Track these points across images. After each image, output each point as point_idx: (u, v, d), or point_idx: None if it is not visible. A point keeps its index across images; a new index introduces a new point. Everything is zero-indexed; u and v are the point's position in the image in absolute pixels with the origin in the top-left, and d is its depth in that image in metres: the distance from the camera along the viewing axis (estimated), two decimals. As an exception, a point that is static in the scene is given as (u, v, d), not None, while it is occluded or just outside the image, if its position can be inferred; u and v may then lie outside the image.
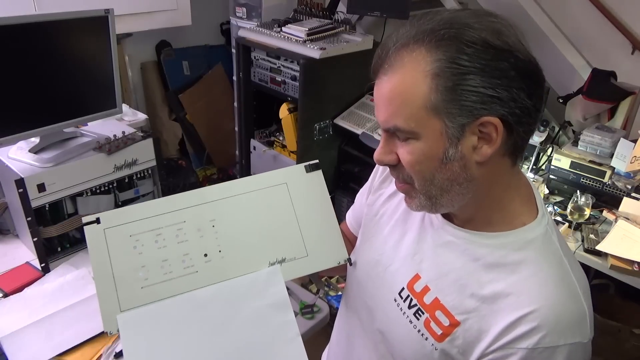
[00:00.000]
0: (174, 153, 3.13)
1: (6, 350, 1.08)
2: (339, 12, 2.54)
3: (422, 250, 0.76)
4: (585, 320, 0.65)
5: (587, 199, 1.76)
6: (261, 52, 2.44)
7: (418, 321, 0.74)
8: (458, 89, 0.59)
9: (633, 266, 1.59)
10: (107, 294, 0.75)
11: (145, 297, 0.76)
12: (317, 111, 2.35)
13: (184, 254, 0.79)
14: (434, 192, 0.66)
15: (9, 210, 1.44)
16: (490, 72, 0.59)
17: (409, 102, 0.61)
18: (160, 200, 0.82)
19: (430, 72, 0.60)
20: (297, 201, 0.85)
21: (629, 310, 1.93)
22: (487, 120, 0.60)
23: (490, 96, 0.59)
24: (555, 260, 0.67)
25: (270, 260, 0.81)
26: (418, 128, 0.62)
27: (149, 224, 0.79)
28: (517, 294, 0.65)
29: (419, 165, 0.65)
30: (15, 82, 1.21)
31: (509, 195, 0.70)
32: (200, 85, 3.07)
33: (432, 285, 0.73)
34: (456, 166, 0.63)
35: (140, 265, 0.77)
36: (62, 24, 1.25)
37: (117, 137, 1.41)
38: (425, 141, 0.63)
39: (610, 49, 2.28)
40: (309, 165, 0.88)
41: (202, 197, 0.82)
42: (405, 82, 0.61)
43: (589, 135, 1.92)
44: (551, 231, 0.70)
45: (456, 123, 0.61)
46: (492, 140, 0.62)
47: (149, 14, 2.50)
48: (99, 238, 0.77)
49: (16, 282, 1.28)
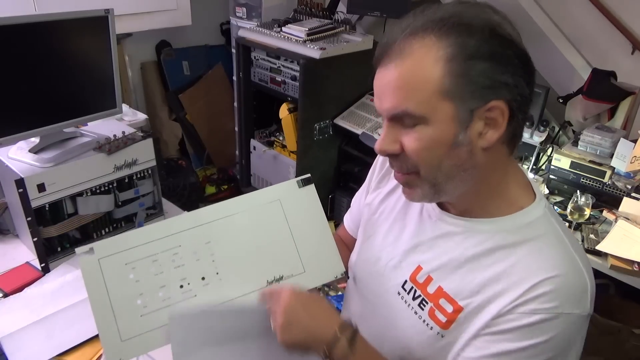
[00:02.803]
0: (174, 153, 3.13)
1: (6, 350, 1.08)
2: (339, 12, 2.54)
3: (422, 243, 0.78)
4: (587, 294, 0.66)
5: (587, 199, 1.76)
6: (261, 52, 2.44)
7: (422, 311, 0.75)
8: (469, 73, 0.61)
9: (633, 266, 1.59)
10: (106, 325, 0.74)
11: (146, 325, 0.76)
12: (317, 111, 2.35)
13: (182, 278, 0.78)
14: (439, 179, 0.67)
15: (9, 210, 1.44)
16: (498, 59, 0.61)
17: (421, 87, 0.62)
18: (154, 226, 0.81)
19: (442, 57, 0.61)
20: (292, 217, 0.85)
21: (629, 310, 1.93)
22: (495, 105, 0.63)
23: (499, 81, 0.62)
24: (555, 240, 0.69)
25: (268, 279, 0.81)
26: (429, 113, 0.63)
27: (144, 250, 0.78)
28: (518, 271, 0.66)
29: (427, 151, 0.65)
30: (15, 82, 1.21)
31: (505, 183, 0.72)
32: (200, 85, 3.07)
33: (435, 275, 0.74)
34: (464, 152, 0.65)
35: (138, 294, 0.76)
36: (62, 24, 1.25)
37: (117, 137, 1.41)
38: (435, 126, 0.63)
39: (610, 49, 2.27)
40: (301, 180, 0.88)
41: (196, 220, 0.82)
42: (417, 67, 0.62)
43: (589, 135, 1.92)
44: (550, 213, 0.72)
45: (466, 107, 0.62)
46: (498, 125, 0.64)
47: (149, 14, 2.50)
48: (94, 269, 0.76)
49: (16, 282, 1.28)
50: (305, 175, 0.88)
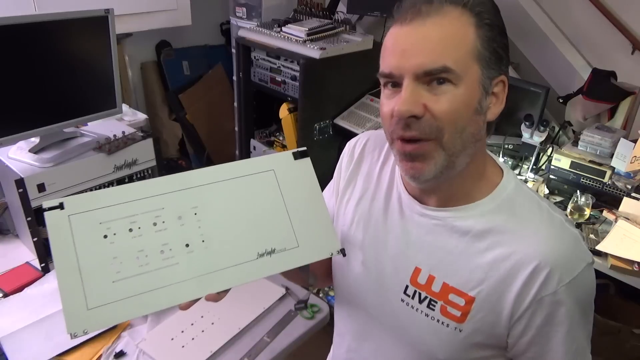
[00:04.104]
0: (174, 153, 3.13)
1: (6, 350, 1.08)
2: (339, 12, 2.54)
3: (411, 244, 0.76)
4: (581, 242, 0.70)
5: (587, 199, 1.76)
6: (261, 52, 2.44)
7: (434, 312, 0.74)
8: (495, 42, 0.65)
9: (633, 266, 1.59)
10: (71, 290, 0.66)
11: (118, 292, 0.67)
12: (317, 111, 2.35)
13: (163, 244, 0.71)
14: (457, 147, 0.66)
15: (9, 210, 1.44)
16: (504, 34, 0.67)
17: (460, 44, 0.63)
18: (135, 185, 0.73)
19: (473, 23, 0.64)
20: (286, 189, 0.79)
21: (629, 310, 1.93)
22: (502, 78, 0.67)
23: (506, 56, 0.67)
24: (534, 207, 0.71)
25: (258, 251, 0.75)
26: (463, 72, 0.63)
27: (122, 210, 0.70)
28: (517, 251, 0.68)
29: (456, 113, 0.64)
30: (15, 82, 1.21)
31: (484, 162, 0.74)
32: (200, 85, 3.07)
33: (436, 273, 0.74)
34: (481, 120, 0.67)
35: (111, 257, 0.68)
36: (62, 24, 1.25)
37: (117, 137, 1.41)
38: (465, 87, 0.64)
39: (610, 49, 2.27)
40: (297, 152, 0.82)
41: (183, 183, 0.75)
42: (456, 26, 0.64)
43: (589, 135, 1.92)
44: (520, 182, 0.75)
45: (488, 74, 0.65)
46: (499, 100, 0.68)
47: (149, 14, 2.50)
48: (62, 225, 0.68)
49: (16, 282, 1.28)
50: (302, 147, 0.84)
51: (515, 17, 2.40)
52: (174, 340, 1.14)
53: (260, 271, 0.74)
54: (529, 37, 2.47)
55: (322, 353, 1.08)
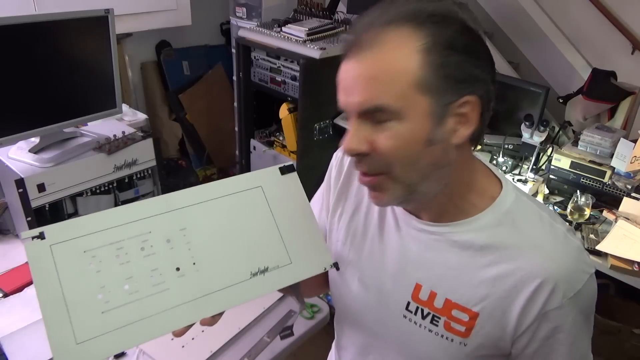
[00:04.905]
0: (174, 153, 3.13)
1: (6, 350, 1.08)
2: (339, 12, 2.54)
3: (411, 260, 0.74)
4: (583, 254, 0.68)
5: (587, 199, 1.76)
6: (261, 52, 2.44)
7: (437, 327, 0.72)
8: (446, 65, 0.59)
9: (633, 266, 1.59)
10: (58, 324, 0.62)
11: (108, 323, 0.63)
12: (317, 111, 2.35)
13: (152, 269, 0.67)
14: (414, 179, 0.64)
15: (9, 210, 1.44)
16: (472, 52, 0.60)
17: (396, 79, 0.59)
18: (119, 209, 0.70)
19: (420, 48, 0.58)
20: (275, 205, 0.77)
21: (629, 310, 1.93)
22: (468, 99, 0.61)
23: (473, 75, 0.61)
24: (535, 219, 0.69)
25: (251, 270, 0.73)
26: (405, 107, 0.59)
27: (107, 236, 0.67)
28: (521, 268, 0.66)
29: (402, 149, 0.61)
30: (15, 82, 1.21)
31: (475, 177, 0.71)
32: (200, 85, 3.07)
33: (438, 289, 0.72)
34: (439, 149, 0.62)
35: (98, 287, 0.64)
36: (62, 24, 1.25)
37: (117, 137, 1.41)
38: (410, 122, 0.60)
39: (610, 49, 2.28)
40: (284, 166, 0.81)
41: (169, 204, 0.72)
42: (393, 58, 0.59)
43: (589, 135, 1.92)
44: (520, 193, 0.72)
45: (441, 102, 0.60)
46: (470, 121, 0.62)
47: (149, 14, 2.50)
48: (44, 256, 0.64)
49: (16, 282, 1.28)
50: (288, 162, 0.82)
51: (515, 17, 2.40)
52: (173, 340, 1.13)
53: (254, 291, 0.72)
54: (529, 37, 2.47)
55: (322, 353, 1.07)
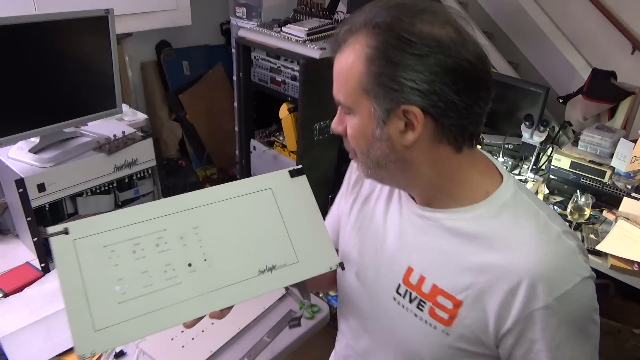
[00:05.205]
0: (174, 153, 3.13)
1: (6, 350, 1.08)
2: (339, 12, 2.54)
3: (407, 244, 0.77)
4: (577, 256, 0.67)
5: (587, 199, 1.76)
6: (261, 52, 2.44)
7: (422, 312, 0.74)
8: (383, 76, 0.63)
9: (633, 266, 1.59)
10: (79, 312, 0.68)
11: (124, 313, 0.70)
12: (317, 111, 2.35)
13: (166, 264, 0.73)
14: (370, 165, 0.72)
15: (9, 210, 1.44)
16: (414, 66, 0.62)
17: (348, 80, 0.67)
18: (136, 208, 0.76)
19: (365, 56, 0.64)
20: (284, 206, 0.83)
21: (629, 310, 1.93)
22: (407, 109, 0.64)
23: (410, 87, 0.63)
24: (530, 216, 0.69)
25: (259, 267, 0.78)
26: (353, 105, 0.68)
27: (125, 233, 0.74)
28: (506, 261, 0.66)
29: (356, 139, 0.70)
30: (16, 82, 1.21)
31: (463, 173, 0.72)
32: (200, 85, 3.07)
33: (427, 273, 0.74)
34: (384, 146, 0.68)
35: (116, 279, 0.71)
36: (62, 24, 1.25)
37: (117, 137, 1.41)
38: (359, 118, 0.68)
39: (610, 49, 2.28)
40: (293, 170, 0.86)
41: (182, 204, 0.78)
42: (348, 61, 0.66)
43: (589, 135, 1.92)
44: (520, 190, 0.73)
45: (382, 107, 0.65)
46: (415, 129, 0.66)
47: (149, 14, 2.50)
48: (68, 250, 0.71)
49: (16, 282, 1.28)
50: (297, 165, 0.87)
51: (515, 17, 2.40)
52: (174, 340, 1.14)
53: (261, 287, 0.77)
54: (529, 37, 2.47)
55: (322, 353, 1.08)
